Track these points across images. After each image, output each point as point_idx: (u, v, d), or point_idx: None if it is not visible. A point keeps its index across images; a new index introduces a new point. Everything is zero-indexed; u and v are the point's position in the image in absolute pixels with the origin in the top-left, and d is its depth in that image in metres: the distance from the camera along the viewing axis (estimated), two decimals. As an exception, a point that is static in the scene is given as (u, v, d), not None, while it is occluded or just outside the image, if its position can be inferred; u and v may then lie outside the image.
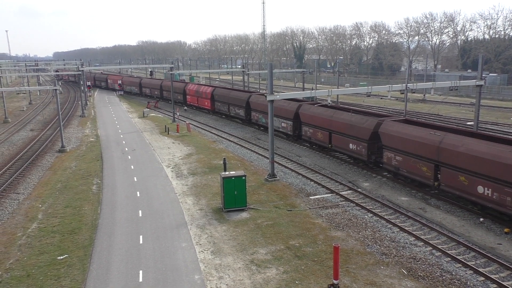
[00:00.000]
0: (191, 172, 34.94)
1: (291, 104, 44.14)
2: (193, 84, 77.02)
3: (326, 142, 38.13)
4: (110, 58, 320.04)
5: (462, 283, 17.64)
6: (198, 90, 70.60)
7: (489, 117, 57.58)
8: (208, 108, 67.36)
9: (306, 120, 40.97)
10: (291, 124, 44.09)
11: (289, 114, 43.97)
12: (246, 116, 54.79)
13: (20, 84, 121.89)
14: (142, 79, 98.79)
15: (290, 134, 44.66)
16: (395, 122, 30.35)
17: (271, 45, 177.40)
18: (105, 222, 25.00)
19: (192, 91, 72.81)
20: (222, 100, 61.72)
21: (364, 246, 21.08)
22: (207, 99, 66.56)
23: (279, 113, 44.90)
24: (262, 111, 49.08)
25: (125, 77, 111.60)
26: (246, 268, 19.26)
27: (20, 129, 59.56)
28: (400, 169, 28.65)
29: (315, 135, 39.76)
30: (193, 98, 72.50)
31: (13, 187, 32.55)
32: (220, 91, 64.00)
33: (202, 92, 68.49)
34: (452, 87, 37.03)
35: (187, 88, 75.50)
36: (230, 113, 59.69)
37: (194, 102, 72.94)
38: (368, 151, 32.23)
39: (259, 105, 50.32)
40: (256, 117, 51.80)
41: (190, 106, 75.41)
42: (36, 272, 19.50)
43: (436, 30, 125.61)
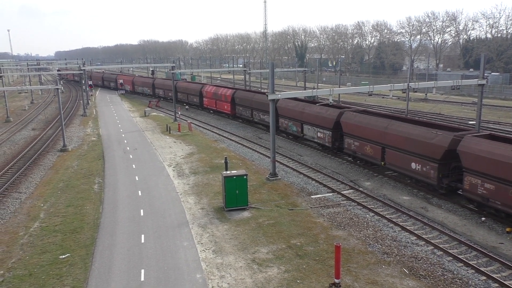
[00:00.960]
0: (192, 171, 34.97)
1: (330, 110, 38.35)
2: (211, 86, 70.09)
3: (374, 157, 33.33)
4: (112, 57, 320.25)
5: (464, 283, 17.63)
6: (217, 93, 63.81)
7: (491, 117, 57.47)
8: (227, 112, 60.83)
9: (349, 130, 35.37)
10: (329, 135, 37.98)
11: (328, 123, 38.02)
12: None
13: (21, 84, 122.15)
14: (156, 80, 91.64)
15: (328, 146, 38.63)
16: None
17: (272, 44, 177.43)
18: (106, 221, 25.05)
19: (210, 93, 66.05)
20: (244, 104, 55.48)
21: (366, 245, 21.08)
22: (227, 102, 60.12)
23: (313, 120, 39.97)
24: (293, 118, 43.85)
25: (136, 78, 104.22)
26: (247, 267, 19.28)
27: (22, 128, 59.66)
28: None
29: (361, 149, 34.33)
30: (211, 101, 66.09)
31: (15, 186, 32.63)
32: (242, 93, 57.43)
33: (221, 94, 61.77)
34: (454, 86, 36.94)
35: (204, 90, 68.91)
36: (254, 119, 53.50)
37: (211, 106, 66.39)
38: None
39: (290, 111, 44.24)
40: (285, 124, 45.73)
41: (207, 110, 69.46)
42: (38, 271, 19.56)
43: (438, 29, 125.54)
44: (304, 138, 42.88)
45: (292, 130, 43.96)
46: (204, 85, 72.46)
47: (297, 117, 43.01)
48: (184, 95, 76.70)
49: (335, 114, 37.00)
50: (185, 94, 76.39)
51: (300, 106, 42.94)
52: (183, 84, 79.00)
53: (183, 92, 76.86)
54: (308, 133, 41.48)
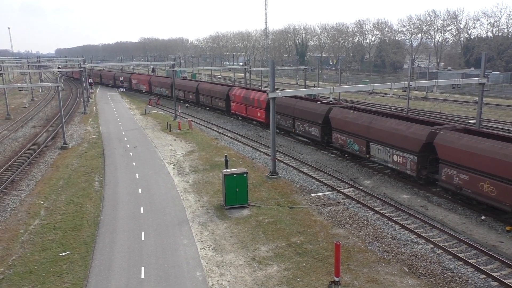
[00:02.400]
0: (192, 169, 34.98)
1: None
2: (240, 89, 58.53)
3: None
4: (112, 55, 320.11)
5: (464, 281, 17.65)
6: (248, 97, 53.94)
7: (491, 115, 57.44)
8: (261, 120, 51.40)
9: None
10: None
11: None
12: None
13: (22, 81, 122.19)
14: (176, 80, 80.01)
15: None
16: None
17: (273, 42, 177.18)
18: (107, 219, 25.08)
19: (239, 97, 56.03)
20: (284, 111, 45.78)
21: (365, 244, 21.10)
22: (261, 109, 50.70)
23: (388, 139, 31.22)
24: (353, 133, 34.35)
25: (154, 77, 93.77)
26: (247, 265, 19.31)
27: (22, 125, 59.68)
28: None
29: None
30: (240, 106, 55.99)
31: (15, 184, 32.65)
32: (282, 99, 46.12)
33: (254, 99, 52.03)
34: (454, 85, 36.95)
35: (232, 93, 58.36)
36: (296, 130, 44.11)
37: (241, 112, 56.41)
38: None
39: (349, 123, 34.85)
40: (341, 140, 36.21)
41: (235, 116, 59.71)
42: (38, 268, 19.59)
43: (439, 27, 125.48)
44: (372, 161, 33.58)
45: (352, 149, 34.97)
46: (232, 87, 62.08)
47: (362, 133, 33.43)
48: (207, 98, 67.72)
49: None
50: (208, 97, 67.33)
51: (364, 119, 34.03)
52: (206, 85, 69.52)
53: (206, 94, 67.89)
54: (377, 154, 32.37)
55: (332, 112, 37.61)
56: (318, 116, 39.29)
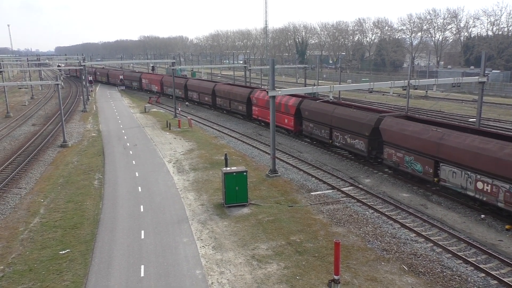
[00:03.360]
0: (192, 167, 34.99)
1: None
2: (264, 91, 51.30)
3: None
4: (112, 53, 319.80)
5: (463, 280, 17.68)
6: None
7: (491, 114, 57.44)
8: (289, 128, 45.52)
9: None
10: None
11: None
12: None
13: (22, 79, 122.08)
14: (188, 80, 78.23)
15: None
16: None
17: (273, 41, 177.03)
18: (106, 217, 25.09)
19: (263, 101, 50.01)
20: (318, 119, 39.50)
21: (365, 242, 21.12)
22: (289, 115, 44.99)
23: None
24: (415, 149, 28.32)
25: (166, 77, 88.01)
26: (247, 263, 19.33)
27: (22, 123, 59.65)
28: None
29: None
30: (264, 111, 49.98)
31: (15, 182, 32.66)
32: (315, 105, 40.58)
33: (280, 103, 45.84)
34: (454, 83, 36.94)
35: (254, 96, 52.22)
36: (334, 142, 37.55)
37: (264, 117, 49.91)
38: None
39: (408, 137, 28.70)
40: (396, 157, 30.12)
41: (257, 122, 53.32)
42: (38, 266, 19.61)
43: (439, 26, 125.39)
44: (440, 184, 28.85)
45: (412, 169, 28.96)
46: (254, 89, 55.42)
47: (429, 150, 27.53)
48: (225, 101, 61.46)
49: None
50: (226, 99, 61.04)
51: None
52: (224, 87, 63.49)
53: (224, 97, 61.72)
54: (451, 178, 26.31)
55: (385, 122, 31.15)
56: (364, 127, 33.03)
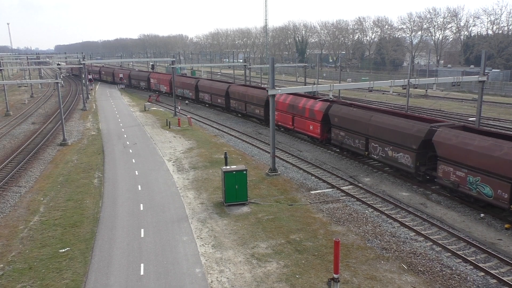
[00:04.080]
0: (192, 166, 34.99)
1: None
2: (284, 94, 46.11)
3: None
4: (112, 51, 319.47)
5: (462, 278, 17.70)
6: (296, 105, 43.10)
7: (491, 113, 57.45)
8: (315, 136, 40.54)
9: None
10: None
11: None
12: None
13: (21, 77, 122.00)
14: (199, 81, 72.36)
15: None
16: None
17: (273, 39, 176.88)
18: (106, 215, 25.10)
19: (283, 105, 45.41)
20: (352, 127, 34.72)
21: (365, 241, 21.14)
22: (315, 121, 39.98)
23: None
24: (483, 169, 23.59)
25: (175, 77, 77.81)
26: (246, 262, 19.34)
27: (22, 122, 59.63)
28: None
29: None
30: (284, 115, 45.62)
31: (15, 180, 32.66)
32: (348, 111, 35.83)
33: (304, 108, 41.29)
34: (454, 82, 36.94)
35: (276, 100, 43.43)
36: (371, 154, 32.85)
37: (285, 123, 45.90)
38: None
39: (473, 154, 24.08)
40: (456, 177, 25.49)
41: (276, 127, 44.08)
42: (38, 264, 19.62)
43: (439, 25, 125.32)
44: None
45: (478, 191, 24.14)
46: None
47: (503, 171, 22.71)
48: (240, 104, 56.68)
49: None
50: (241, 102, 56.27)
51: None
52: (238, 88, 58.26)
53: (238, 99, 57.22)
54: None
55: (440, 134, 26.42)
56: (412, 139, 28.39)
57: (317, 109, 39.46)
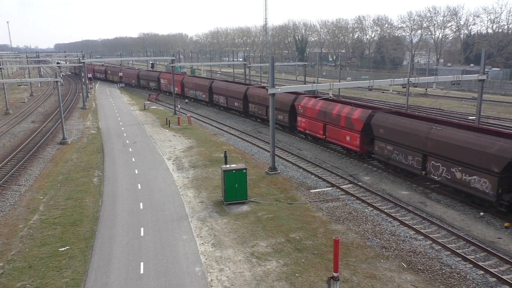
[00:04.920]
0: (192, 165, 34.99)
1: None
2: (313, 99, 40.56)
3: None
4: (111, 50, 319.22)
5: (462, 277, 17.72)
6: (329, 112, 37.31)
7: (491, 112, 57.45)
8: (352, 148, 35.00)
9: None
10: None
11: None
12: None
13: (21, 76, 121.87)
14: (214, 82, 67.03)
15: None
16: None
17: (272, 38, 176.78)
18: (106, 214, 25.10)
19: (313, 111, 39.80)
20: (403, 141, 29.13)
21: (364, 240, 21.15)
22: (353, 131, 34.41)
23: None
24: None
25: (187, 77, 77.68)
26: (246, 260, 19.35)
27: (21, 121, 59.60)
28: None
29: None
30: (314, 123, 39.78)
31: (15, 179, 32.66)
32: (398, 120, 30.23)
33: (340, 116, 35.80)
34: (454, 81, 36.92)
35: (301, 104, 41.80)
36: (431, 174, 27.17)
37: (315, 131, 39.98)
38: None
39: None
40: None
41: (303, 135, 43.46)
42: (37, 263, 19.63)
43: (439, 24, 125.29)
44: None
45: None
46: (299, 96, 43.74)
47: None
48: (260, 108, 51.34)
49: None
50: (261, 106, 51.12)
51: None
52: (258, 91, 52.37)
53: (258, 103, 51.86)
54: None
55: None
56: (493, 159, 22.93)
57: (356, 118, 33.92)
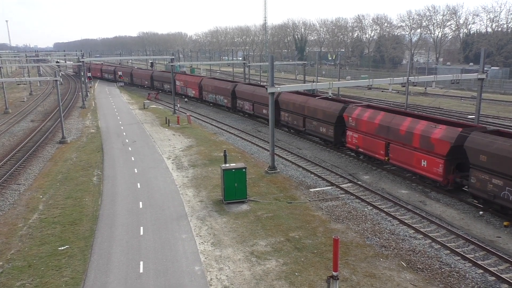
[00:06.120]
0: (191, 164, 34.98)
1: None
2: (370, 110, 33.26)
3: None
4: (111, 49, 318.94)
5: (461, 276, 17.73)
6: (394, 127, 29.78)
7: (490, 111, 57.49)
8: (432, 177, 27.05)
9: None
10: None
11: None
12: None
13: (20, 75, 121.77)
14: (237, 85, 57.90)
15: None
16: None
17: (272, 37, 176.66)
18: (105, 213, 25.09)
19: (372, 125, 31.86)
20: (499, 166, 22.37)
21: (364, 239, 21.16)
22: (434, 155, 26.65)
23: None
24: None
25: (206, 80, 70.22)
26: (246, 259, 19.36)
27: (21, 120, 59.55)
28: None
29: None
30: (373, 140, 31.95)
31: (14, 178, 32.63)
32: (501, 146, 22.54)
33: (412, 133, 28.10)
34: (453, 80, 36.94)
35: (353, 115, 33.96)
36: None
37: (373, 150, 32.26)
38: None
39: None
40: None
41: (349, 151, 36.33)
42: (37, 262, 19.62)
43: (438, 23, 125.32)
44: None
45: None
46: (349, 104, 36.14)
47: None
48: (296, 118, 43.22)
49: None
50: (297, 116, 42.86)
51: None
52: (293, 97, 44.20)
53: (293, 111, 43.63)
54: None
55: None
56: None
57: (439, 137, 26.13)
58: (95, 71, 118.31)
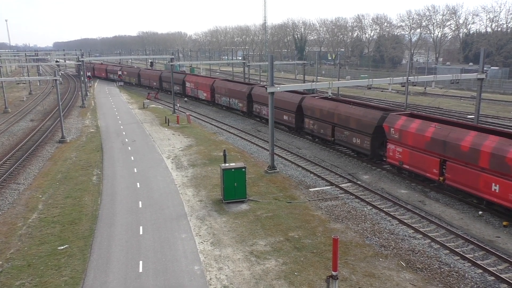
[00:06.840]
0: (191, 163, 34.98)
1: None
2: (412, 119, 29.09)
3: None
4: (111, 48, 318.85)
5: (460, 276, 17.75)
6: (453, 142, 24.99)
7: (489, 111, 57.51)
8: (505, 204, 22.18)
9: None
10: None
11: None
12: None
13: (20, 74, 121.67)
14: (254, 88, 53.75)
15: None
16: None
17: (272, 37, 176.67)
18: (105, 212, 25.09)
19: (418, 137, 27.60)
20: None
21: (363, 238, 21.17)
22: (506, 176, 21.89)
23: None
24: None
25: (218, 81, 65.27)
26: (245, 259, 19.36)
27: (20, 119, 59.51)
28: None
29: None
30: (421, 156, 27.55)
31: (14, 178, 32.62)
32: None
33: (483, 152, 23.04)
34: (453, 80, 36.95)
35: (397, 126, 29.44)
36: None
37: (422, 168, 27.66)
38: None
39: None
40: None
41: (389, 165, 31.54)
42: (36, 262, 19.62)
43: (438, 22, 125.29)
44: None
45: None
46: (390, 113, 31.61)
47: None
48: (324, 126, 38.64)
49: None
50: (325, 124, 38.35)
51: None
52: (319, 103, 39.89)
53: (320, 119, 39.00)
54: None
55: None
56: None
57: None
58: (100, 71, 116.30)
